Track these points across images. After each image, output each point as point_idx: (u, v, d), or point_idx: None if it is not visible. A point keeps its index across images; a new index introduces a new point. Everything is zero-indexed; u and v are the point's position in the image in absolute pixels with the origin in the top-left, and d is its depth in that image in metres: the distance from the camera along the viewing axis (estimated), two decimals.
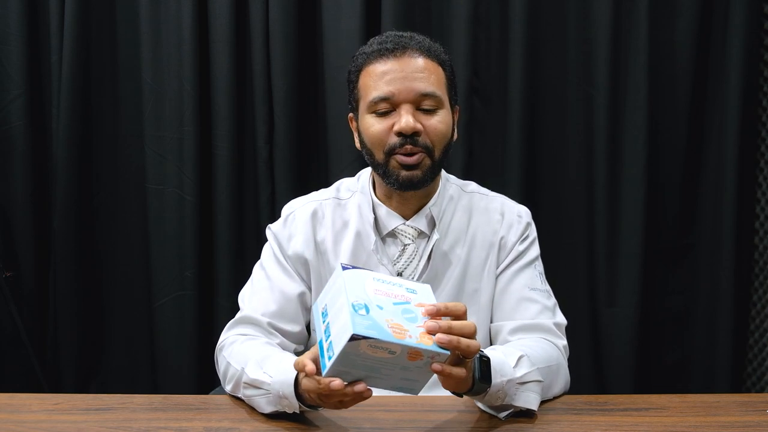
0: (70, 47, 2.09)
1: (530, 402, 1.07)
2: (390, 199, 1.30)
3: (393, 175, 1.23)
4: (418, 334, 0.90)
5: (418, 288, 0.99)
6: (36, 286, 2.21)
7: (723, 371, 2.07)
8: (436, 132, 1.22)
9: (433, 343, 0.90)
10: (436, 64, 1.25)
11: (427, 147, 1.22)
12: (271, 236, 1.35)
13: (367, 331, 0.87)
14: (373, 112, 1.23)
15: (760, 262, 2.07)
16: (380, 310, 0.91)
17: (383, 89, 1.21)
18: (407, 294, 0.96)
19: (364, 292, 0.93)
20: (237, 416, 1.10)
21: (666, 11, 2.02)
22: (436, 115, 1.23)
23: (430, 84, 1.22)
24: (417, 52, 1.23)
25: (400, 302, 0.94)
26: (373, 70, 1.23)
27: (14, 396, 1.17)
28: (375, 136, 1.23)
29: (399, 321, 0.91)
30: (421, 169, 1.22)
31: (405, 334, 0.89)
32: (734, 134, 2.01)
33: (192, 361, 2.15)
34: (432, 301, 0.96)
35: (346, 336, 0.86)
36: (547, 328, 1.26)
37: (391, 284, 0.97)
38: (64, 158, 2.13)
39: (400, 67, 1.21)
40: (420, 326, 0.91)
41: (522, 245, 1.32)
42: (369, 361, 0.89)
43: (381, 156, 1.23)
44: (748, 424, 1.06)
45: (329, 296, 0.97)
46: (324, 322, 0.94)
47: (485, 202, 1.35)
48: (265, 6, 2.05)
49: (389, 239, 1.30)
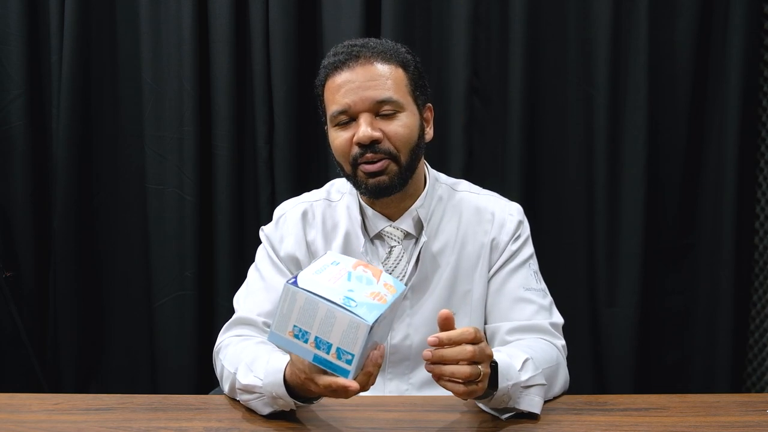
0: (70, 47, 2.09)
1: (534, 405, 1.07)
2: (374, 203, 1.30)
3: (362, 184, 1.24)
4: (383, 285, 0.97)
5: (334, 258, 1.01)
6: (36, 286, 2.21)
7: (723, 371, 2.07)
8: (398, 137, 1.22)
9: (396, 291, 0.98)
10: (393, 66, 1.23)
11: (390, 152, 1.21)
12: (264, 238, 1.36)
13: (372, 314, 0.90)
14: (336, 125, 1.24)
15: (760, 262, 2.07)
16: (354, 293, 0.94)
17: (340, 102, 1.21)
18: (339, 267, 0.99)
19: (331, 288, 0.93)
20: (237, 416, 1.10)
21: (666, 11, 2.02)
22: (396, 119, 1.22)
23: (386, 90, 1.21)
24: (370, 59, 1.22)
25: (347, 277, 0.97)
26: (332, 84, 1.23)
27: (14, 396, 1.17)
28: (339, 149, 1.24)
29: (370, 289, 0.95)
30: (387, 174, 1.22)
31: (383, 296, 0.95)
32: (734, 134, 2.01)
33: (192, 361, 2.15)
34: (351, 258, 1.01)
35: (362, 331, 0.89)
36: (544, 328, 1.26)
37: (325, 268, 0.98)
38: (64, 158, 2.13)
39: (353, 77, 1.21)
40: (378, 282, 0.98)
41: (515, 244, 1.31)
42: (374, 336, 0.92)
43: (348, 167, 1.24)
44: (748, 424, 1.06)
45: (294, 318, 0.93)
46: (307, 342, 0.92)
47: (476, 201, 1.35)
48: (265, 6, 2.05)
49: (378, 241, 1.31)
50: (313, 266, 0.98)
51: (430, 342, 0.95)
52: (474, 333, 0.96)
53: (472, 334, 0.95)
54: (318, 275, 0.96)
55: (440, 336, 0.95)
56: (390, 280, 0.99)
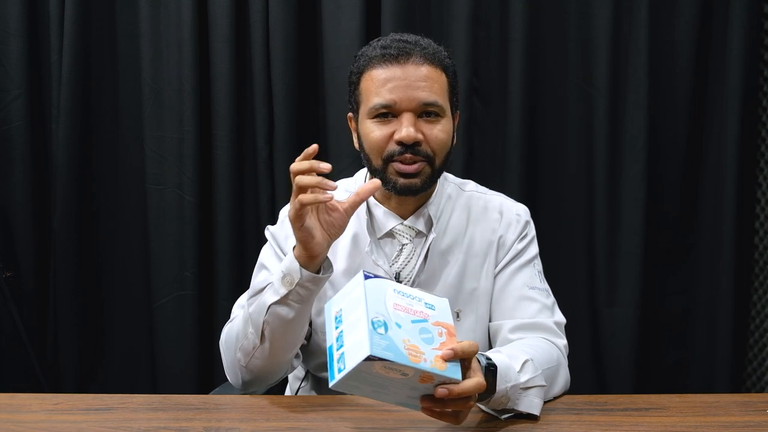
0: (70, 47, 2.09)
1: (533, 407, 1.07)
2: (389, 199, 1.30)
3: (390, 181, 1.23)
4: (433, 358, 0.88)
5: (436, 303, 0.96)
6: (36, 286, 2.21)
7: (723, 371, 2.07)
8: (438, 141, 1.22)
9: (446, 367, 0.88)
10: (439, 71, 1.23)
11: (428, 156, 1.21)
12: (269, 236, 1.35)
13: (384, 352, 0.85)
14: (374, 117, 1.22)
15: (760, 262, 2.07)
16: (398, 329, 0.88)
17: (385, 96, 1.20)
18: (426, 310, 0.94)
19: (384, 307, 0.90)
20: (237, 416, 1.10)
21: (666, 11, 2.02)
22: (438, 124, 1.22)
23: (433, 93, 1.21)
24: (421, 59, 1.21)
25: (418, 320, 0.91)
26: (376, 76, 1.22)
27: (14, 396, 1.17)
28: (374, 143, 1.22)
29: (416, 342, 0.88)
30: (420, 177, 1.22)
31: (420, 357, 0.87)
32: (734, 134, 2.01)
33: (192, 361, 2.15)
34: (448, 318, 0.95)
35: (362, 354, 0.84)
36: (546, 327, 1.26)
37: (411, 298, 0.94)
38: (64, 158, 2.13)
39: (403, 74, 1.20)
40: (435, 348, 0.89)
41: (521, 244, 1.32)
42: (379, 379, 0.88)
43: (378, 162, 1.23)
44: (748, 424, 1.06)
45: (345, 302, 0.93)
46: (337, 329, 0.91)
47: (483, 200, 1.35)
48: (265, 6, 2.05)
49: (386, 239, 1.30)
50: (402, 287, 0.95)
51: (439, 395, 0.89)
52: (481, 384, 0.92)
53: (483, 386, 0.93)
54: (395, 294, 0.93)
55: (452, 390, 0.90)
56: (448, 365, 0.89)
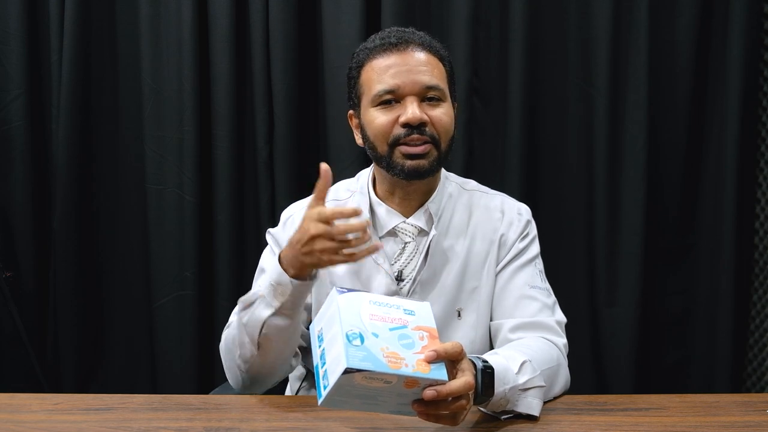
0: (70, 47, 2.09)
1: (532, 408, 1.07)
2: (392, 195, 1.30)
3: (398, 165, 1.23)
4: (415, 362, 0.88)
5: (416, 308, 0.95)
6: (36, 286, 2.21)
7: (723, 371, 2.07)
8: (442, 123, 1.24)
9: (430, 369, 0.88)
10: (437, 59, 1.27)
11: (434, 137, 1.23)
12: (270, 239, 1.35)
13: (361, 363, 0.85)
14: (378, 104, 1.24)
15: (760, 262, 2.07)
16: (375, 338, 0.88)
17: (388, 82, 1.22)
18: (405, 316, 0.93)
19: (359, 319, 0.90)
20: (237, 416, 1.10)
21: (666, 11, 2.02)
22: (440, 107, 1.24)
23: (434, 77, 1.24)
24: (419, 46, 1.25)
25: (396, 327, 0.91)
26: (377, 65, 1.24)
27: (14, 396, 1.17)
28: (379, 128, 1.23)
29: (395, 349, 0.88)
30: (427, 158, 1.23)
31: (401, 363, 0.87)
32: (734, 134, 2.01)
33: (192, 361, 2.15)
34: (430, 322, 0.94)
35: (340, 368, 0.85)
36: (547, 326, 1.26)
37: (388, 306, 0.94)
38: (64, 158, 2.13)
39: (404, 60, 1.23)
40: (417, 352, 0.89)
41: (522, 243, 1.32)
42: (365, 390, 0.88)
43: (384, 148, 1.24)
44: (748, 424, 1.06)
45: (324, 321, 0.94)
46: (320, 347, 0.92)
47: (485, 199, 1.36)
48: (265, 6, 2.05)
49: (388, 238, 1.30)
50: (379, 297, 0.95)
51: (427, 398, 0.88)
52: (469, 383, 0.91)
53: (471, 384, 0.92)
54: (371, 304, 0.92)
55: (440, 391, 0.88)
56: (432, 367, 0.88)
